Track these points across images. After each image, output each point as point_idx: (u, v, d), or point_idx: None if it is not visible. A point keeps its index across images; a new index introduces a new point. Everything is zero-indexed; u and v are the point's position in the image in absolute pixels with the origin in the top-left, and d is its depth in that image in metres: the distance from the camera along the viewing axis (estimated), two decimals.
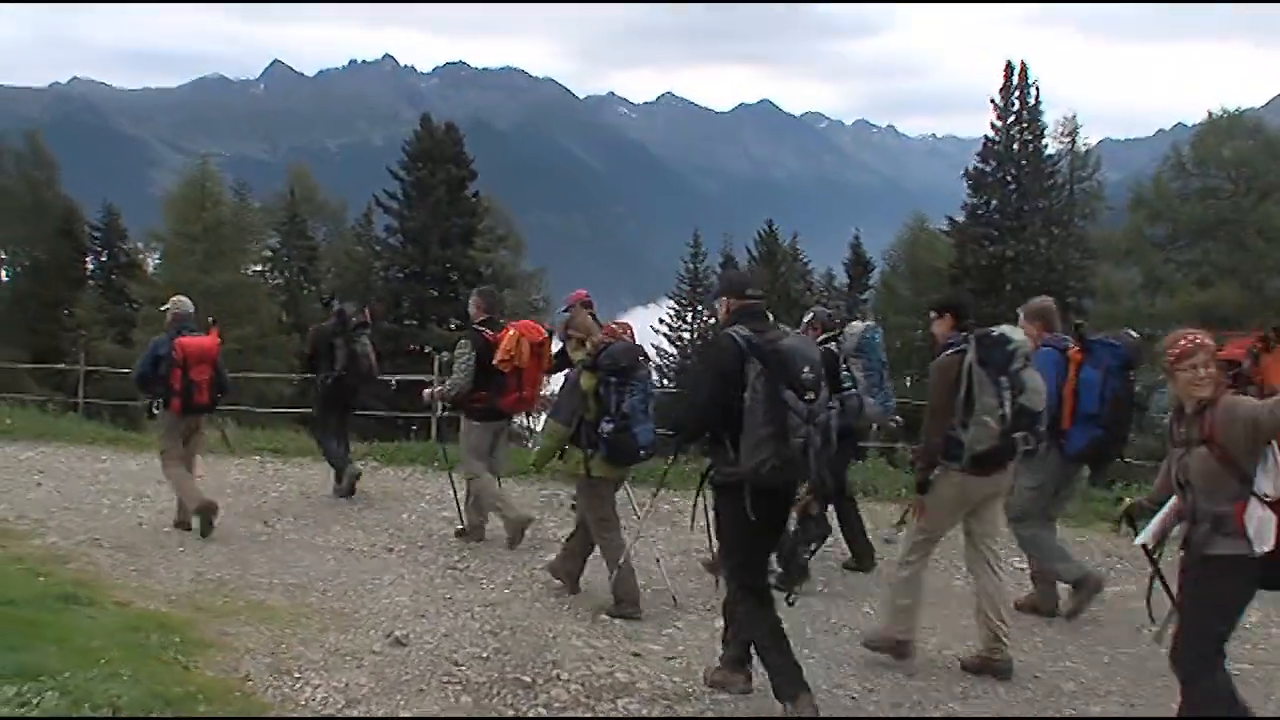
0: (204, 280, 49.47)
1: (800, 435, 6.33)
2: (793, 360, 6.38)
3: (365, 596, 9.38)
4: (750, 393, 6.33)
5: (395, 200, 55.01)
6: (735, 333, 6.48)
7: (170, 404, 11.38)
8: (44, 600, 8.47)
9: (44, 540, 11.22)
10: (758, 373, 6.33)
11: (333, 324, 13.39)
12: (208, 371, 11.43)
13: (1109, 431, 8.36)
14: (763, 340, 6.42)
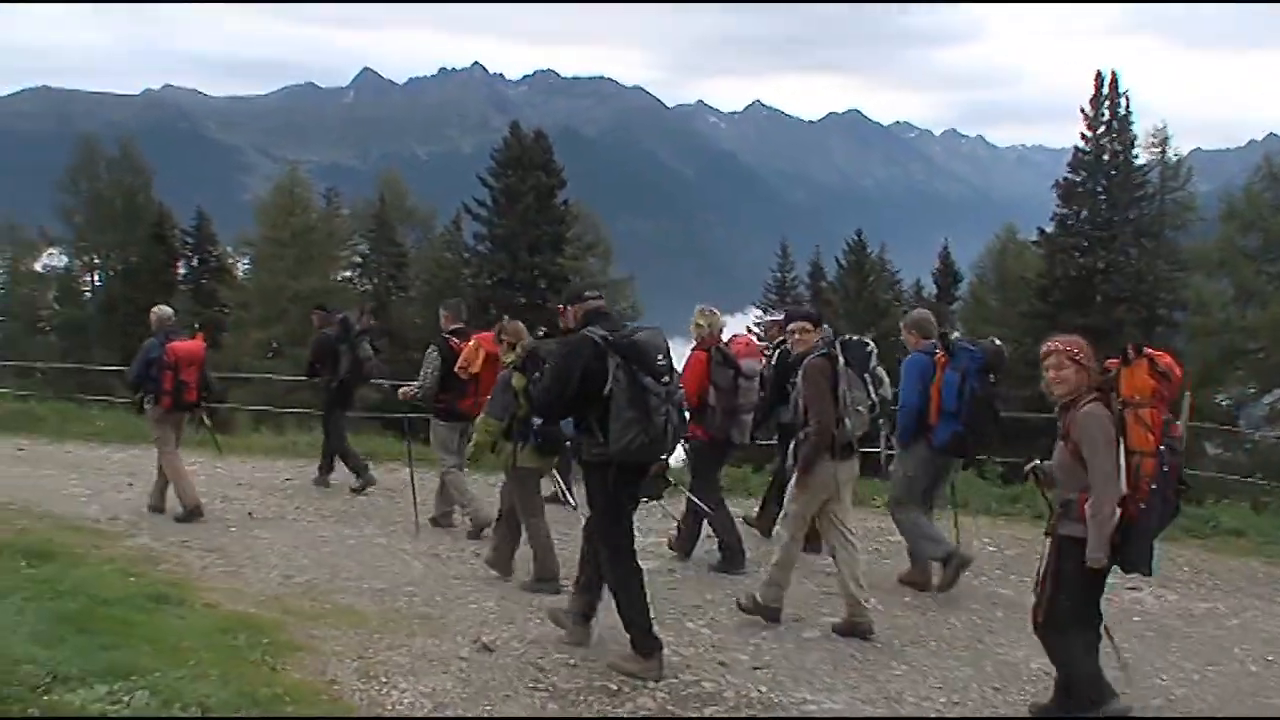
0: (293, 285, 50.14)
1: (661, 414, 7.25)
2: (648, 350, 7.29)
3: (452, 602, 9.42)
4: (613, 383, 7.18)
5: (484, 207, 55.07)
6: (592, 333, 7.37)
7: (160, 401, 12.47)
8: (135, 600, 8.59)
9: (135, 541, 11.45)
10: (618, 364, 7.20)
11: (336, 331, 14.39)
12: (195, 373, 12.61)
13: (968, 427, 9.41)
14: (618, 337, 7.31)
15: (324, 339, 14.52)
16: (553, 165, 54.56)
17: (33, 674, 5.80)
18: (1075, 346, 6.57)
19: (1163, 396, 6.34)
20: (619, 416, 7.17)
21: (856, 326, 48.60)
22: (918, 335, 9.93)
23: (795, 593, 9.24)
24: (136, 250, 62.84)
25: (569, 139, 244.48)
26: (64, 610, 8.05)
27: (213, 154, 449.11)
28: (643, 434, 7.19)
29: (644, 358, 7.24)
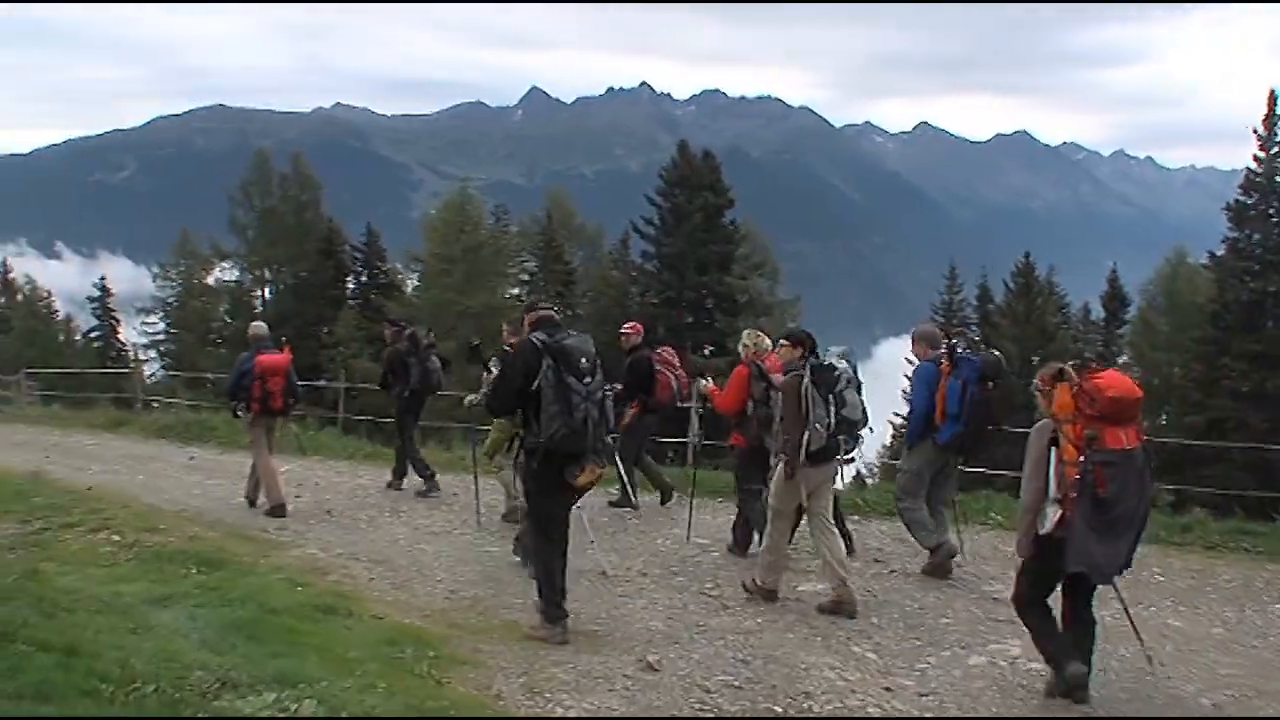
0: (461, 301, 50.72)
1: (581, 410, 8.33)
2: (573, 354, 8.41)
3: (618, 620, 9.40)
4: (543, 380, 8.31)
5: (652, 226, 55.07)
6: (534, 338, 8.55)
7: (251, 408, 13.80)
8: (303, 610, 8.70)
9: (303, 551, 11.66)
10: (548, 365, 8.31)
11: (406, 345, 15.35)
12: (281, 382, 13.87)
13: (968, 427, 10.55)
14: (552, 341, 8.43)
15: (395, 352, 15.51)
16: (720, 185, 54.34)
17: (203, 679, 5.86)
18: (1041, 379, 7.56)
19: (1085, 414, 7.05)
20: (546, 409, 8.29)
21: (1024, 350, 47.85)
22: (926, 347, 11.04)
23: (960, 618, 9.13)
24: (306, 265, 64.29)
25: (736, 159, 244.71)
26: (234, 618, 8.17)
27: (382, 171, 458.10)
28: (564, 425, 8.26)
29: (570, 360, 8.37)
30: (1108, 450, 7.00)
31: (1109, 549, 7.06)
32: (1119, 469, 7.01)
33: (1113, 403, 7.02)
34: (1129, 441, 7.09)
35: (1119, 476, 7.00)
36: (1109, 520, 7.00)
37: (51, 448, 20.25)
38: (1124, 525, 7.08)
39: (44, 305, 66.22)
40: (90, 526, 12.48)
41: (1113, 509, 6.99)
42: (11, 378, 33.67)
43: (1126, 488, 7.03)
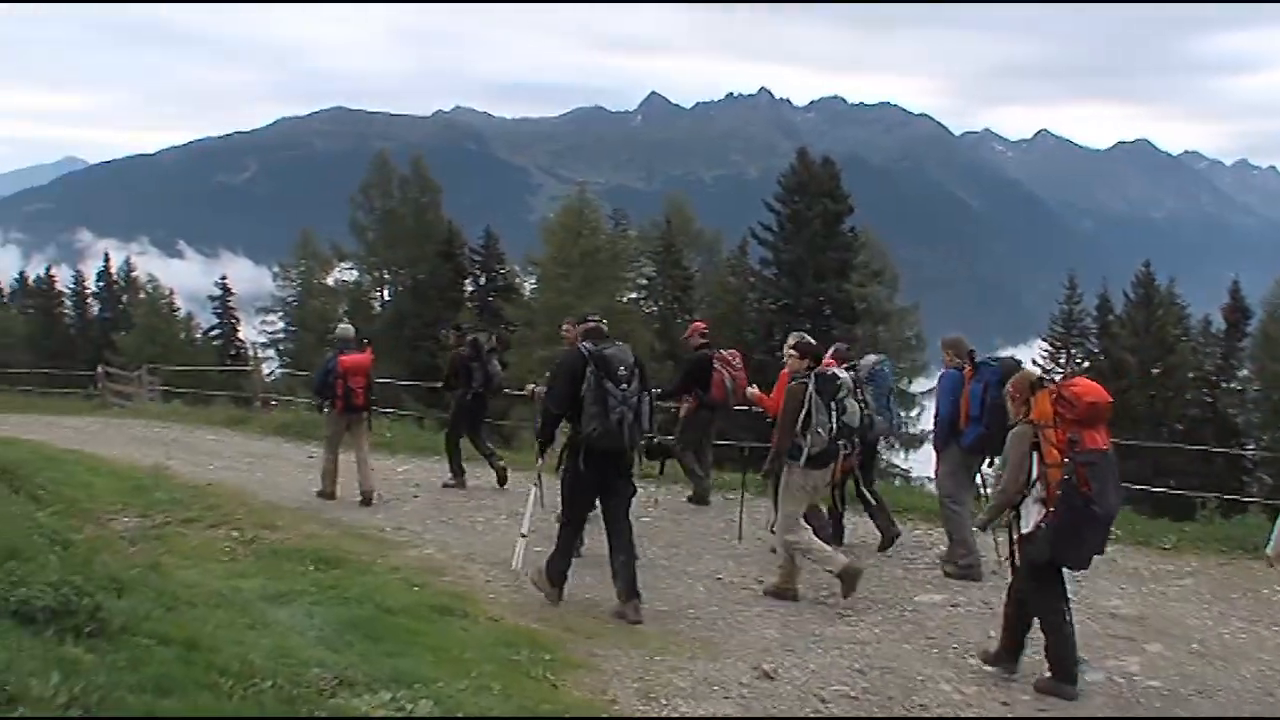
0: (579, 305, 50.71)
1: (617, 413, 9.34)
2: (613, 362, 9.47)
3: (734, 627, 9.39)
4: (586, 384, 9.36)
5: (771, 233, 54.84)
6: (582, 346, 9.68)
7: (335, 405, 14.75)
8: (420, 610, 8.77)
9: (420, 552, 11.76)
10: (591, 371, 9.37)
11: (469, 350, 15.92)
12: (362, 381, 14.84)
13: (989, 429, 10.67)
14: (597, 350, 9.52)
15: (458, 356, 16.04)
16: (839, 192, 53.96)
17: (320, 677, 5.88)
18: (1014, 386, 8.37)
19: (1065, 419, 7.75)
20: (586, 410, 9.35)
21: (1143, 361, 47.00)
22: (952, 354, 11.57)
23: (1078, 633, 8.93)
24: (425, 267, 64.85)
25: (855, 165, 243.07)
26: (351, 616, 8.24)
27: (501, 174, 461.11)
28: (601, 425, 9.30)
29: (610, 367, 9.42)
30: (1089, 451, 7.70)
31: (1090, 542, 7.88)
32: (1099, 468, 7.71)
33: (1090, 407, 7.76)
34: (1104, 443, 7.84)
35: (1099, 475, 7.69)
36: (1092, 515, 7.69)
37: (172, 443, 20.60)
38: (1104, 520, 7.85)
39: (166, 303, 67.31)
40: (210, 522, 12.71)
41: (1097, 505, 7.66)
42: (133, 374, 34.31)
43: (1107, 486, 7.73)
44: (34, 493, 12.05)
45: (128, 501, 13.94)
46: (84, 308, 74.52)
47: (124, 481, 15.64)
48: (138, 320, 64.42)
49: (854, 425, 10.42)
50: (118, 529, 12.33)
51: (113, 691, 4.44)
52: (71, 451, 19.13)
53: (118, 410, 29.02)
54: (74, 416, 27.51)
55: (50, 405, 31.89)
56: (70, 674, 4.40)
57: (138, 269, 78.12)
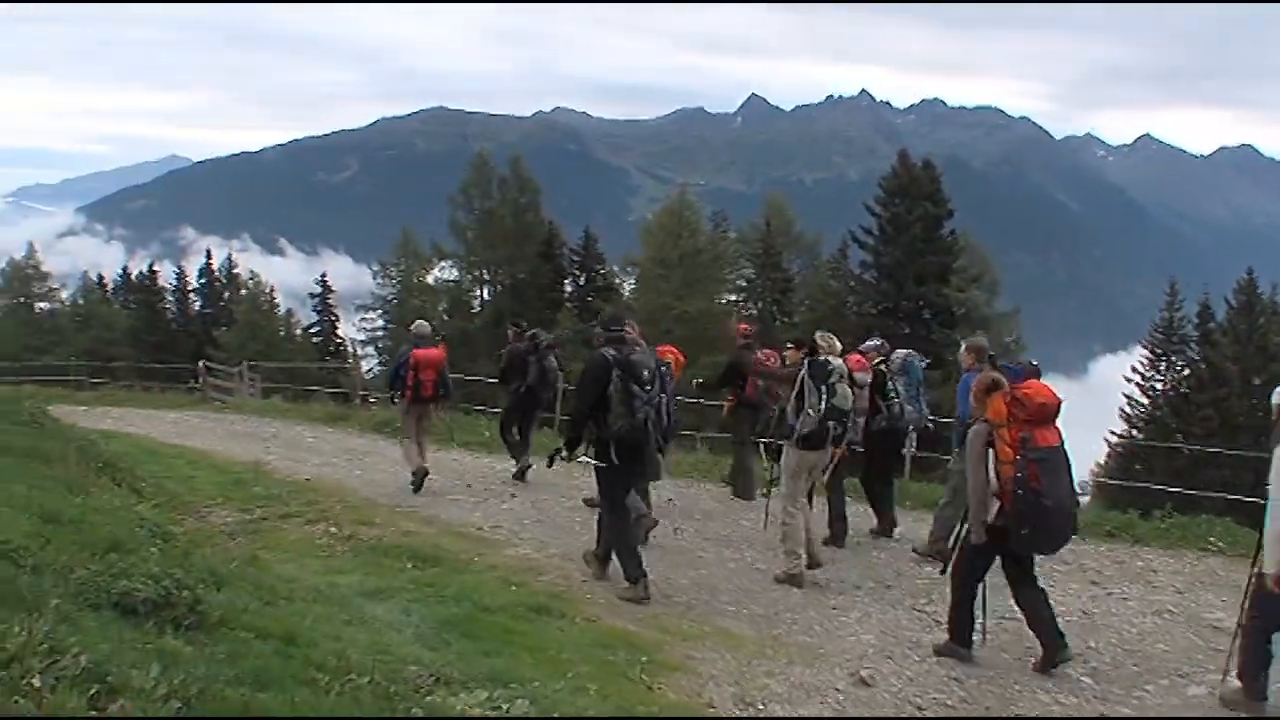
0: (678, 306, 50.91)
1: (641, 412, 10.08)
2: (637, 366, 10.21)
3: (831, 633, 9.36)
4: (613, 386, 10.11)
5: (871, 236, 54.38)
6: (606, 352, 10.38)
7: (405, 396, 15.63)
8: (517, 609, 8.80)
9: (517, 551, 11.78)
10: (617, 375, 10.13)
11: (526, 344, 16.54)
12: (433, 375, 15.63)
13: None
14: (621, 355, 10.27)
15: (515, 351, 16.66)
16: (940, 195, 53.40)
17: (417, 674, 5.88)
18: (975, 388, 9.12)
19: (1018, 418, 8.38)
20: (614, 409, 10.11)
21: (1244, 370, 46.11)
22: (973, 358, 12.08)
23: (1179, 646, 9.09)
24: (525, 266, 65.18)
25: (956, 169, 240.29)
26: (448, 614, 8.29)
27: (601, 175, 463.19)
28: (627, 423, 10.07)
29: (634, 371, 10.18)
30: (1039, 448, 8.31)
31: (1046, 530, 8.41)
32: (1049, 464, 8.32)
33: (1040, 408, 8.41)
34: (1054, 440, 8.45)
35: (1049, 470, 8.30)
36: (1046, 509, 8.24)
37: (271, 439, 20.82)
38: (1059, 511, 8.35)
39: (266, 300, 68.25)
40: (308, 518, 12.84)
41: (1046, 497, 8.23)
42: (234, 369, 34.77)
43: (1057, 480, 8.34)
44: (135, 486, 12.23)
45: (227, 496, 14.12)
46: (186, 303, 75.58)
47: (224, 476, 15.86)
48: (239, 316, 65.41)
49: (844, 408, 11.20)
50: (217, 523, 12.48)
51: (211, 684, 4.45)
52: (172, 445, 19.43)
53: (218, 405, 29.38)
54: (174, 411, 27.92)
55: (151, 399, 32.38)
56: (170, 666, 4.41)
57: (239, 266, 79.25)
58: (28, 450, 11.19)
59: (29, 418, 13.17)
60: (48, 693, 3.55)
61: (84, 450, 12.27)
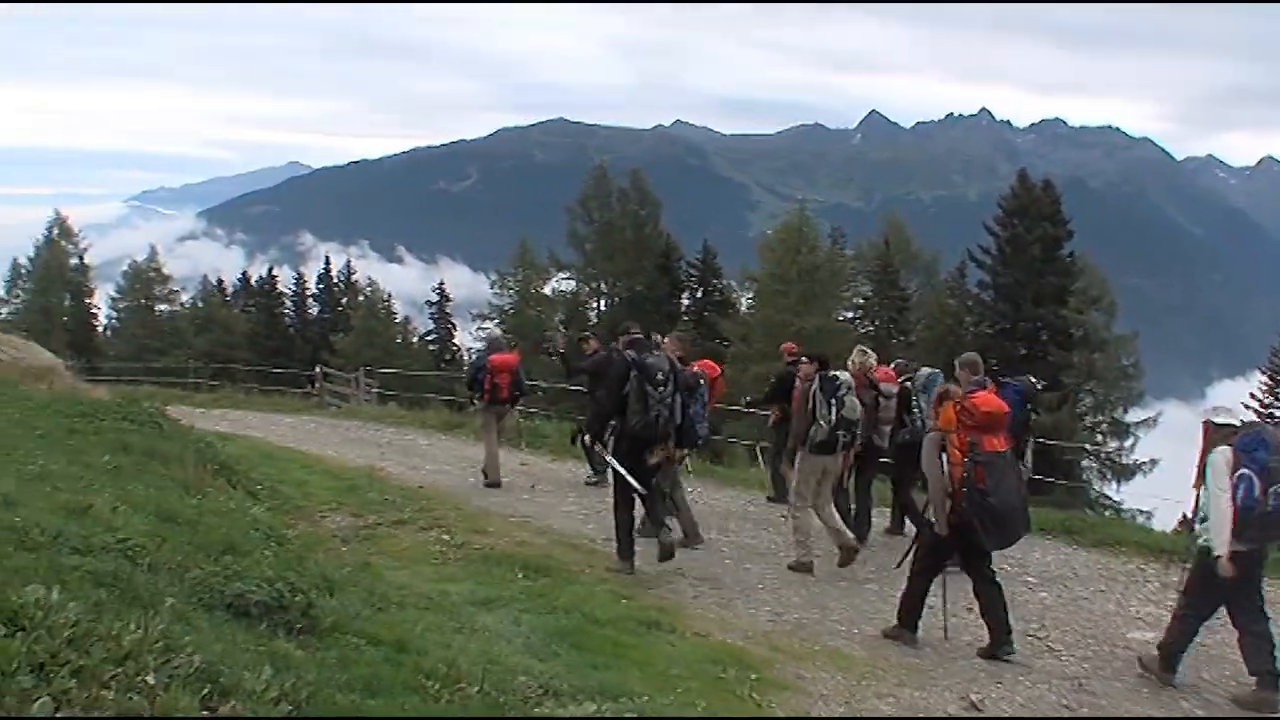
0: (795, 323, 50.54)
1: (654, 410, 11.29)
2: (652, 369, 11.38)
3: (942, 655, 9.30)
4: (630, 386, 11.36)
5: (989, 255, 53.82)
6: (626, 354, 11.77)
7: (483, 398, 17.03)
8: (627, 623, 8.81)
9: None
10: (634, 376, 11.36)
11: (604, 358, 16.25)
12: (508, 378, 16.99)
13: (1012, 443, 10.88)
14: (639, 358, 11.53)
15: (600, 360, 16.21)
16: (1059, 216, 52.55)
17: (526, 685, 5.91)
18: (935, 398, 10.21)
19: (966, 425, 9.23)
20: (630, 408, 11.37)
21: None
22: (969, 373, 11.80)
23: None
24: (643, 279, 65.20)
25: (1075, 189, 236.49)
26: (558, 625, 8.31)
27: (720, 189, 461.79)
28: (642, 419, 11.30)
29: (649, 373, 11.35)
30: (986, 453, 9.17)
31: (995, 527, 9.18)
32: (995, 467, 9.16)
33: (986, 416, 9.27)
34: (1001, 445, 9.32)
35: (995, 473, 9.13)
36: (991, 507, 9.09)
37: (386, 445, 21.02)
38: (1005, 510, 9.17)
39: (384, 307, 68.90)
40: (421, 525, 12.96)
41: (991, 497, 9.07)
42: (350, 375, 35.15)
43: (1002, 481, 9.17)
44: (250, 489, 12.41)
45: (341, 501, 14.29)
46: (304, 308, 76.59)
47: (338, 481, 16.04)
48: (356, 322, 66.11)
49: (852, 419, 12.17)
50: (330, 528, 12.64)
51: (322, 689, 4.49)
52: (288, 449, 19.68)
53: (333, 410, 29.75)
54: (290, 414, 28.30)
55: (268, 402, 32.85)
56: (281, 669, 4.45)
57: (357, 272, 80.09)
58: (147, 450, 11.40)
59: (148, 418, 13.38)
60: (161, 691, 3.58)
61: (201, 452, 12.48)
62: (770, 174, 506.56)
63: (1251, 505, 8.28)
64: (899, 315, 57.94)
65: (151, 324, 69.09)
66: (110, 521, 7.01)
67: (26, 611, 3.88)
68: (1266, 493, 8.29)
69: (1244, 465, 8.37)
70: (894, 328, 57.30)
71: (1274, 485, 8.32)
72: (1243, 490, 8.31)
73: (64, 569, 5.26)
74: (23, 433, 10.56)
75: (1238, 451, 8.47)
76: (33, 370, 16.68)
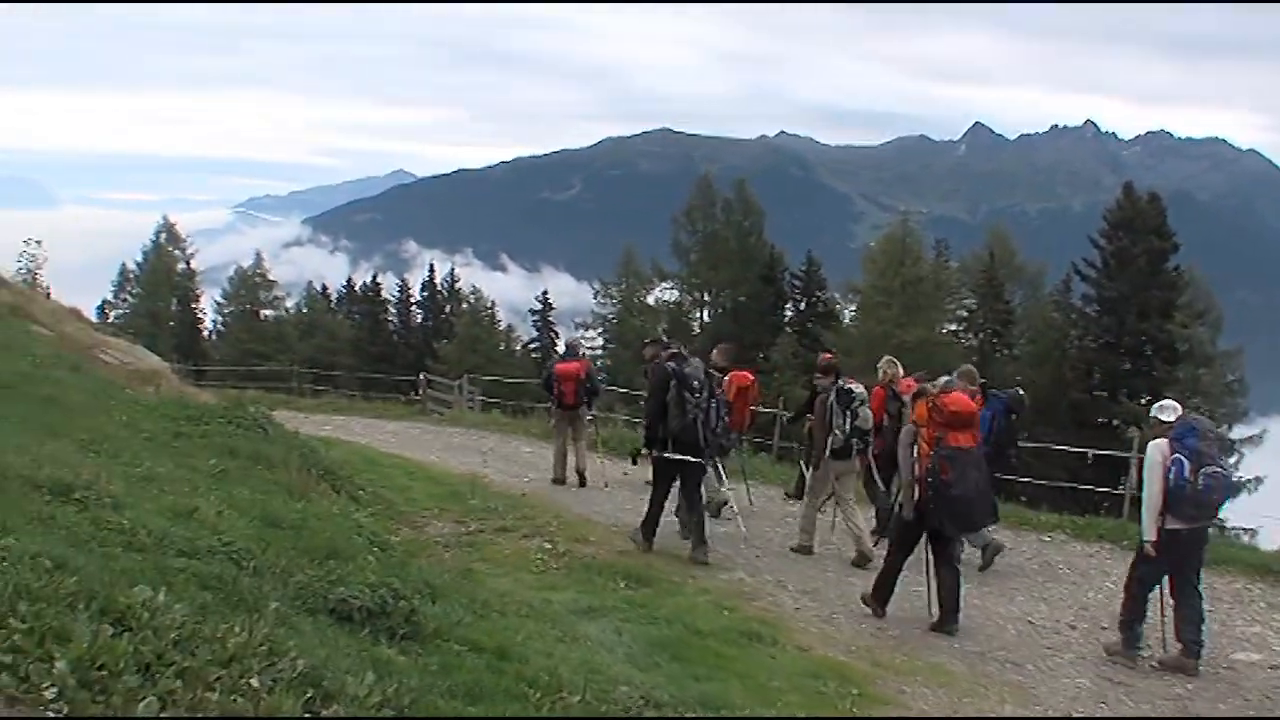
0: (898, 335, 50.23)
1: (691, 414, 12.44)
2: (689, 377, 12.57)
3: (1045, 673, 9.21)
4: (671, 393, 12.53)
5: (1094, 269, 53.27)
6: (667, 364, 12.80)
7: (555, 403, 17.97)
8: (729, 635, 8.81)
9: (730, 575, 11.83)
10: (674, 384, 12.53)
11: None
12: (572, 385, 17.71)
13: (995, 448, 12.62)
14: (678, 367, 12.66)
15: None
16: (1165, 229, 51.78)
17: (627, 695, 5.88)
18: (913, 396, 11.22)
19: (935, 422, 10.23)
20: (670, 413, 12.54)
21: None
22: (964, 384, 12.68)
23: None
24: (746, 289, 65.22)
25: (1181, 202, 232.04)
26: (659, 636, 8.31)
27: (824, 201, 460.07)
28: (680, 423, 12.46)
29: (687, 381, 12.55)
30: (950, 447, 10.16)
31: (956, 515, 10.31)
32: (957, 460, 10.13)
33: (953, 415, 10.24)
34: (966, 442, 10.30)
35: (957, 465, 10.11)
36: (952, 496, 10.12)
37: (488, 453, 21.12)
38: (965, 500, 10.21)
39: (487, 314, 69.48)
40: (523, 532, 13.01)
41: (953, 488, 10.08)
42: (453, 382, 35.35)
43: (964, 474, 10.14)
44: (354, 494, 12.53)
45: (443, 507, 14.37)
46: (407, 315, 77.50)
47: (441, 487, 16.13)
48: (459, 330, 66.72)
49: (865, 428, 13.22)
50: (433, 534, 12.73)
51: (424, 695, 4.49)
52: (391, 455, 19.83)
53: (436, 417, 29.94)
54: (394, 421, 28.53)
55: (371, 408, 33.13)
56: (384, 675, 4.46)
57: (461, 280, 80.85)
58: (252, 454, 11.53)
59: (253, 422, 13.53)
60: (265, 694, 3.60)
61: (305, 456, 12.62)
62: (874, 185, 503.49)
63: (1183, 485, 9.28)
64: (1003, 329, 57.38)
65: (256, 329, 70.06)
66: (216, 525, 7.10)
67: (133, 612, 3.91)
68: (1197, 474, 9.27)
69: (1176, 451, 9.41)
70: (998, 341, 56.78)
71: (1204, 467, 9.31)
72: (1174, 472, 9.33)
73: (170, 571, 5.32)
74: (130, 435, 10.70)
75: (1172, 440, 9.54)
76: (140, 373, 16.90)
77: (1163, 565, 9.56)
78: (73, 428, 9.77)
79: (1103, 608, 11.48)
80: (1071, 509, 17.33)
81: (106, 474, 7.28)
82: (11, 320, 16.05)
